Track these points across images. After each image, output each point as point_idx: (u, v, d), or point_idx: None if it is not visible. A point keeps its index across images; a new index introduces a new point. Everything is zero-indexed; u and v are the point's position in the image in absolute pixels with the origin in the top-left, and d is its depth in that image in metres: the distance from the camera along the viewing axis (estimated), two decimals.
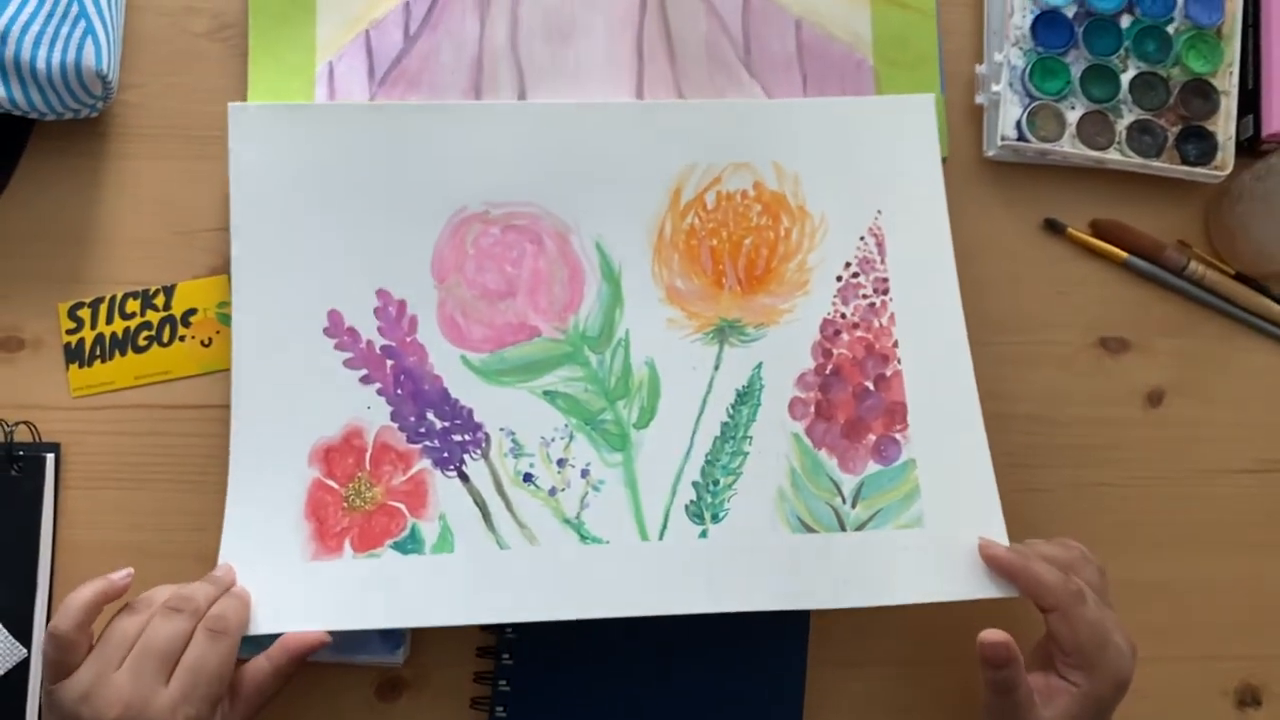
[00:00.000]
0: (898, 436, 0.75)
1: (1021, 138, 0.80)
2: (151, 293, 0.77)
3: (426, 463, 0.73)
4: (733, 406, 0.75)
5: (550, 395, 0.75)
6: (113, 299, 0.77)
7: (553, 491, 0.74)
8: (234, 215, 0.75)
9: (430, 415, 0.74)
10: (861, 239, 0.78)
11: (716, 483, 0.74)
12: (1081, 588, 0.67)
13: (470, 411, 0.74)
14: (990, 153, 0.82)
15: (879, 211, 0.78)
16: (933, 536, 0.73)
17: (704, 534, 0.73)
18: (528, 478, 0.74)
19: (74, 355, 0.77)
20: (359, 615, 0.70)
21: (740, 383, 0.76)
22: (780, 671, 0.75)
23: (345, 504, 0.73)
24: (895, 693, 0.78)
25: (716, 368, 0.76)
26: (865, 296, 0.77)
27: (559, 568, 0.72)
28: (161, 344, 0.77)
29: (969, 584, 0.71)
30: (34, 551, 0.74)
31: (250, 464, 0.73)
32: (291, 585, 0.70)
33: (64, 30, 0.73)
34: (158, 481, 0.76)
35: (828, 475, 0.74)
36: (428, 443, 0.74)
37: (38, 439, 0.76)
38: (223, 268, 0.78)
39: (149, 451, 0.76)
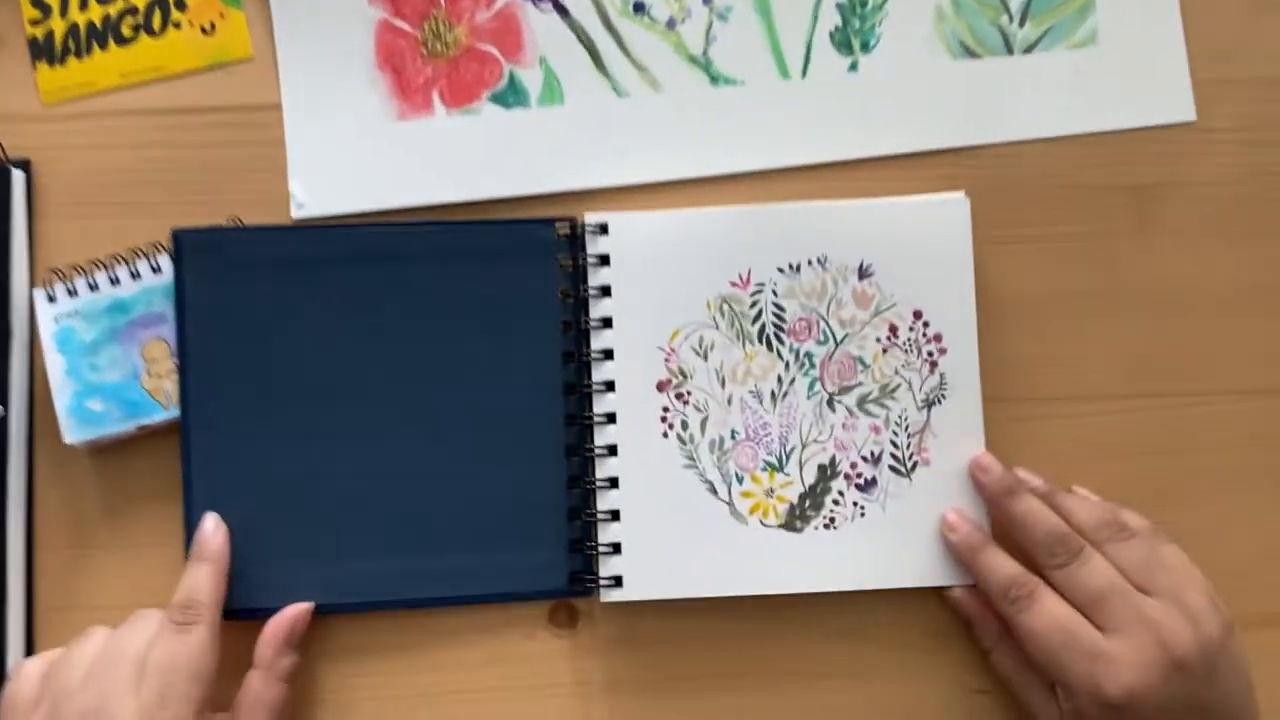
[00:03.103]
0: None
1: None
2: None
3: None
4: None
5: None
6: None
7: (670, 23, 0.61)
8: None
9: None
10: None
11: (864, 3, 0.61)
12: (1030, 589, 0.55)
13: None
14: None
15: None
16: (1108, 56, 0.62)
17: (853, 66, 0.62)
18: (638, 8, 0.61)
19: (41, 51, 0.61)
20: (462, 184, 0.60)
21: None
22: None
23: (424, 49, 0.60)
24: None
25: None
26: None
27: (688, 116, 0.61)
28: (151, 33, 0.61)
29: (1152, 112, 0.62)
30: (3, 294, 0.58)
31: (296, 7, 0.60)
32: (381, 154, 0.60)
33: None
34: (157, 204, 0.60)
35: None
36: None
37: (4, 157, 0.59)
38: None
39: (145, 167, 0.61)
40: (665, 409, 0.58)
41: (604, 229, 0.58)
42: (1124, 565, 0.54)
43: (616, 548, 0.57)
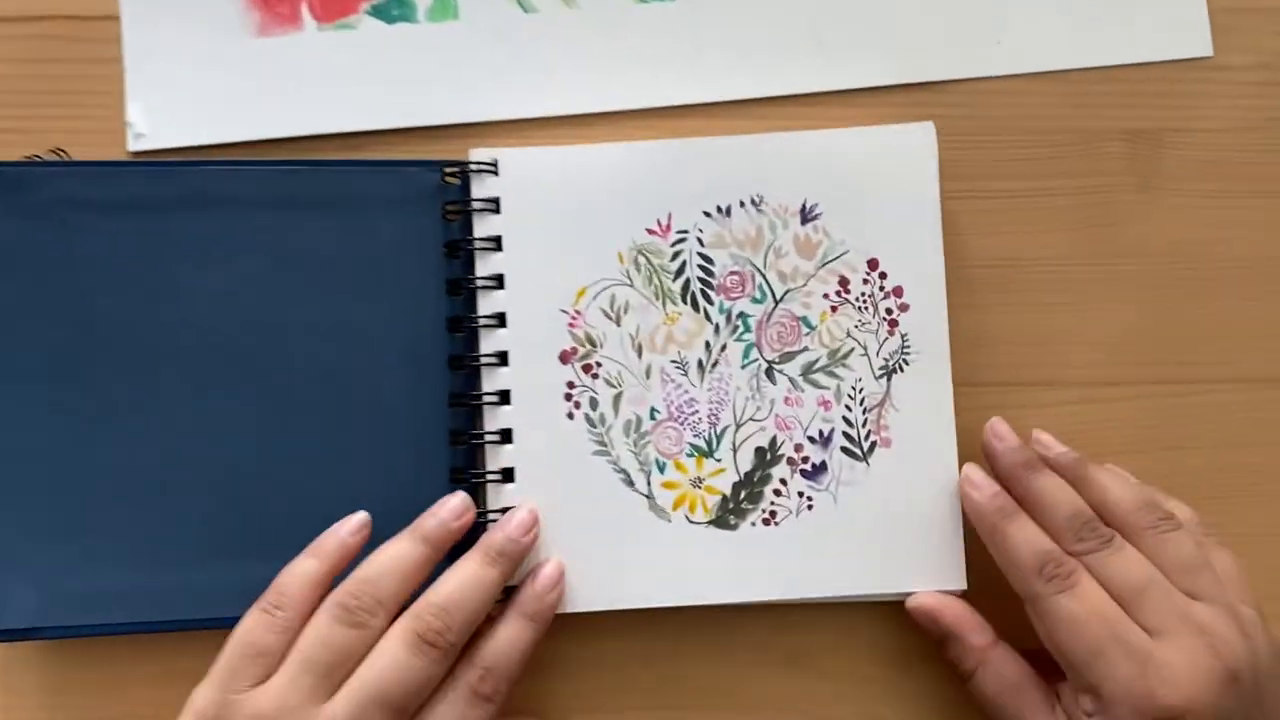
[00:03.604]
0: None
1: None
2: None
3: None
4: None
5: None
6: None
7: None
8: None
9: None
10: None
11: None
12: (1071, 569, 0.45)
13: None
14: None
15: None
16: None
17: None
18: None
19: None
20: (334, 114, 0.51)
21: None
22: None
23: None
24: None
25: None
26: None
27: (607, 37, 0.52)
28: None
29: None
30: None
31: None
32: (238, 75, 0.51)
33: None
34: (37, 133, 0.51)
35: None
36: None
37: None
38: None
39: (24, 89, 0.52)
40: (570, 384, 0.49)
41: (494, 168, 0.49)
42: (1166, 562, 0.45)
43: None
